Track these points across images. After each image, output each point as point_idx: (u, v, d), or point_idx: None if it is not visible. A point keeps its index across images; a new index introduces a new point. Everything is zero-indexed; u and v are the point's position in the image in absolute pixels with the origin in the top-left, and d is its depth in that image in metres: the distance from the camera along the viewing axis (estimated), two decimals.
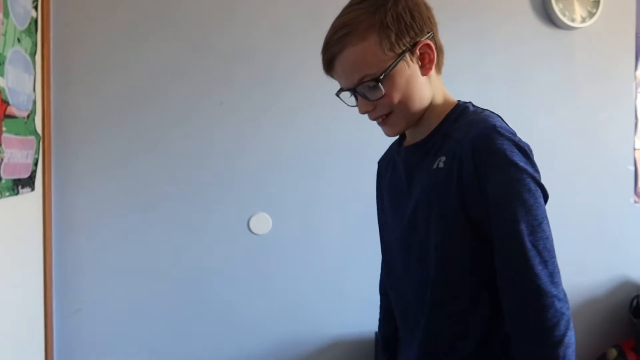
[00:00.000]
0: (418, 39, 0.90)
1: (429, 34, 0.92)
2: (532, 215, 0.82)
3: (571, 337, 0.81)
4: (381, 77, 0.87)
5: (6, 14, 1.37)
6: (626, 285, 2.20)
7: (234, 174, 1.87)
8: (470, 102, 0.97)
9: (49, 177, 1.69)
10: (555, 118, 2.13)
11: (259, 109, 1.88)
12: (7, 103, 1.37)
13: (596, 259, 2.17)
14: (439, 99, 0.95)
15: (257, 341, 1.89)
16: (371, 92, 0.89)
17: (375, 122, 0.96)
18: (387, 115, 0.92)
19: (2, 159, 1.33)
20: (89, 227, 1.77)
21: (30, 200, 1.58)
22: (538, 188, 0.84)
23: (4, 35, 1.35)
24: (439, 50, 0.95)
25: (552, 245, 0.86)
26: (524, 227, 0.81)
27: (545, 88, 2.12)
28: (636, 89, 2.22)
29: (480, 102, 2.20)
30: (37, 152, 1.61)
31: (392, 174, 1.05)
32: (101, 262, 1.78)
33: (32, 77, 1.58)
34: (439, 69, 0.96)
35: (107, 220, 1.78)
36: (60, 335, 1.74)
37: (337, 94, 0.96)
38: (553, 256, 0.86)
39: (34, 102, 1.58)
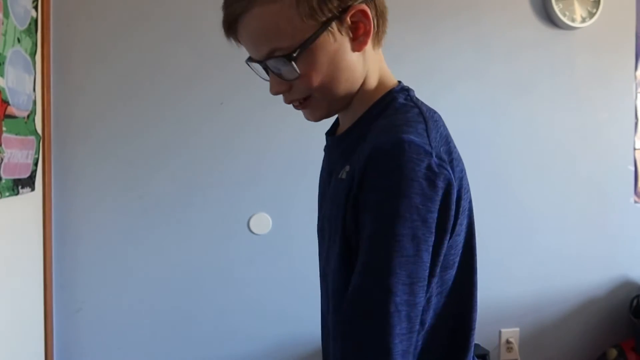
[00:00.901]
0: (350, 3, 0.68)
1: None
2: (407, 272, 0.62)
3: None
4: (295, 54, 0.67)
5: (6, 14, 1.37)
6: (626, 285, 2.20)
7: (234, 174, 1.87)
8: (406, 90, 0.77)
9: (49, 177, 1.69)
10: (555, 118, 2.13)
11: (259, 109, 1.88)
12: (7, 103, 1.37)
13: (596, 259, 2.17)
14: (372, 81, 0.75)
15: (257, 341, 1.89)
16: (285, 69, 0.70)
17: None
18: (305, 98, 0.75)
19: (2, 159, 1.33)
20: (89, 227, 1.77)
21: (30, 200, 1.58)
22: (428, 235, 0.64)
23: (4, 35, 1.35)
24: (380, 17, 0.73)
25: (417, 314, 0.64)
26: (389, 286, 0.61)
27: (545, 88, 2.12)
28: (636, 89, 2.21)
29: (481, 101, 2.22)
30: (37, 152, 1.61)
31: (323, 163, 0.92)
32: (101, 262, 1.78)
33: (32, 77, 1.58)
34: (378, 41, 0.75)
35: (107, 220, 1.78)
36: (60, 335, 1.74)
37: (247, 62, 0.76)
38: (414, 330, 0.64)
39: (34, 102, 1.58)
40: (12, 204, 1.42)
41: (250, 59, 0.75)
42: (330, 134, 0.90)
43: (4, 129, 1.35)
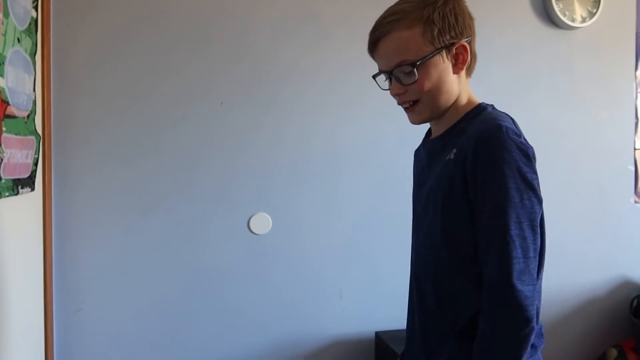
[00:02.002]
0: (457, 40, 0.98)
1: (468, 39, 1.00)
2: (516, 213, 0.87)
3: (528, 335, 0.86)
4: (417, 64, 0.96)
5: (6, 14, 1.37)
6: (626, 285, 2.20)
7: (234, 174, 1.87)
8: (491, 105, 1.05)
9: (49, 177, 1.69)
10: (556, 118, 2.13)
11: (259, 109, 1.88)
12: (7, 103, 1.37)
13: (596, 259, 2.17)
14: (463, 99, 1.03)
15: (257, 341, 1.89)
16: (406, 76, 0.98)
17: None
18: (415, 102, 1.01)
19: (2, 159, 1.33)
20: (89, 227, 1.77)
21: (30, 200, 1.58)
22: (529, 190, 0.89)
23: (4, 35, 1.35)
24: (473, 56, 1.03)
25: (529, 246, 0.88)
26: (506, 222, 0.87)
27: (546, 88, 2.12)
28: (636, 88, 2.22)
29: (481, 101, 2.20)
30: (37, 152, 1.61)
31: (419, 163, 1.15)
32: (101, 262, 1.78)
33: (32, 77, 1.58)
34: (469, 73, 1.04)
35: (107, 220, 1.78)
36: (60, 335, 1.74)
37: (374, 77, 1.05)
38: (528, 256, 0.88)
39: (34, 102, 1.58)
40: (12, 204, 1.42)
41: (377, 74, 1.03)
42: (426, 139, 1.16)
43: (3, 129, 1.35)
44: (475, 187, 0.91)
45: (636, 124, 2.22)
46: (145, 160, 1.80)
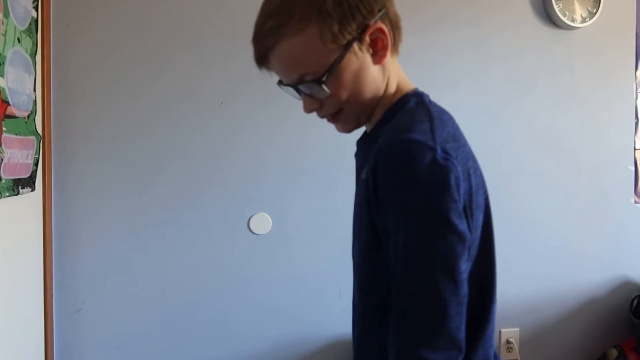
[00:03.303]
0: (367, 23, 0.74)
1: (381, 12, 0.76)
2: (423, 261, 0.67)
3: None
4: (323, 78, 0.75)
5: (6, 14, 1.37)
6: (626, 285, 2.20)
7: (234, 174, 1.87)
8: (420, 95, 0.83)
9: (49, 177, 1.69)
10: (556, 118, 2.13)
11: (259, 109, 1.88)
12: (7, 103, 1.37)
13: (596, 259, 2.17)
14: (391, 87, 0.83)
15: (257, 341, 1.89)
16: (315, 91, 0.78)
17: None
18: (336, 112, 0.82)
19: (2, 159, 1.33)
20: (89, 227, 1.77)
21: (30, 200, 1.58)
22: (443, 226, 0.67)
23: (4, 35, 1.36)
24: (394, 27, 0.79)
25: (445, 301, 0.67)
26: (408, 272, 0.68)
27: (545, 88, 2.12)
28: (636, 88, 2.21)
29: (481, 101, 2.22)
30: (38, 152, 1.61)
31: (357, 167, 0.99)
32: (101, 262, 1.78)
33: (33, 77, 1.58)
34: (395, 50, 0.82)
35: (107, 220, 1.78)
36: (60, 335, 1.74)
37: (279, 85, 0.84)
38: (445, 314, 0.67)
39: (35, 102, 1.58)
40: (12, 204, 1.42)
41: (281, 82, 0.83)
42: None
43: (4, 129, 1.35)
44: (379, 221, 0.71)
45: (636, 124, 2.22)
46: (145, 160, 1.80)
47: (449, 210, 0.67)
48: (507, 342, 2.08)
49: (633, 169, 2.21)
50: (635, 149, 2.21)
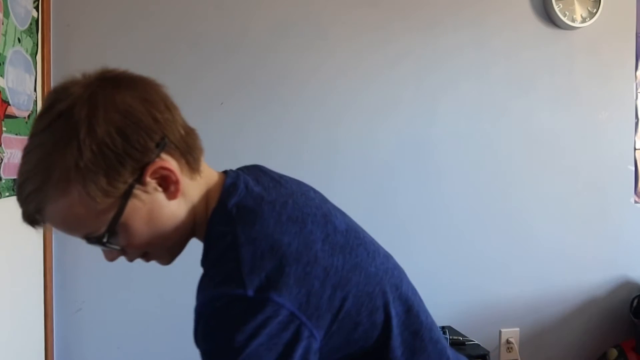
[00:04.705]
0: (144, 163, 0.63)
1: (160, 147, 0.64)
2: None
3: None
4: (105, 238, 0.65)
5: (6, 14, 1.37)
6: (626, 285, 2.20)
7: None
8: (223, 209, 0.69)
9: None
10: (556, 118, 2.13)
11: (259, 109, 1.88)
12: (7, 103, 1.37)
13: (596, 259, 2.17)
14: (200, 211, 0.72)
15: None
16: (111, 246, 0.69)
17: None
18: (145, 254, 0.74)
19: (1, 159, 1.33)
20: None
21: None
22: None
23: (4, 35, 1.36)
24: (186, 150, 0.68)
25: None
26: None
27: (546, 88, 2.12)
28: (636, 88, 2.21)
29: (481, 101, 2.22)
30: None
31: None
32: (101, 262, 1.76)
33: (33, 77, 1.58)
34: (195, 170, 0.70)
35: None
36: (60, 335, 1.74)
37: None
38: None
39: (35, 102, 1.58)
40: (12, 204, 1.42)
41: None
42: None
43: (4, 129, 1.35)
44: None
45: (636, 124, 2.22)
46: None
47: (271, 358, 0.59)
48: (507, 342, 2.08)
49: (633, 169, 2.21)
50: (635, 149, 2.21)
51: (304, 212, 0.70)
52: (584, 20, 2.10)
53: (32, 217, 0.68)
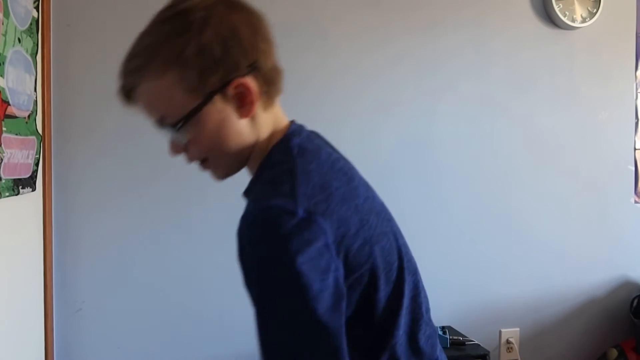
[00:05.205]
0: (231, 77, 0.71)
1: (250, 68, 0.73)
2: (268, 344, 0.67)
3: None
4: (179, 125, 0.72)
5: (6, 14, 1.37)
6: (626, 285, 2.20)
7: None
8: (286, 145, 0.76)
9: (49, 177, 1.69)
10: (556, 118, 2.13)
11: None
12: (7, 103, 1.37)
13: (596, 259, 2.17)
14: (264, 141, 0.78)
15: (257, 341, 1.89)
16: (174, 135, 0.75)
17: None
18: (204, 160, 0.80)
19: (1, 159, 1.33)
20: (89, 227, 1.77)
21: (30, 200, 1.58)
22: (299, 290, 0.64)
23: (5, 35, 1.36)
24: (269, 82, 0.76)
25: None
26: (262, 355, 0.67)
27: (546, 88, 2.12)
28: (636, 88, 2.22)
29: (481, 101, 2.22)
30: (38, 152, 1.61)
31: None
32: (101, 262, 1.78)
33: (33, 77, 1.58)
34: (270, 103, 0.78)
35: (107, 220, 1.78)
36: (60, 335, 1.74)
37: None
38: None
39: (35, 102, 1.58)
40: (12, 204, 1.42)
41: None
42: None
43: (4, 129, 1.35)
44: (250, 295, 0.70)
45: (636, 124, 2.22)
46: (146, 160, 1.80)
47: (312, 279, 0.63)
48: (507, 342, 2.08)
49: (633, 169, 2.21)
50: (635, 149, 2.21)
51: (353, 172, 0.79)
52: (584, 20, 2.10)
53: (126, 91, 0.75)
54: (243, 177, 1.96)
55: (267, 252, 0.65)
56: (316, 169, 0.72)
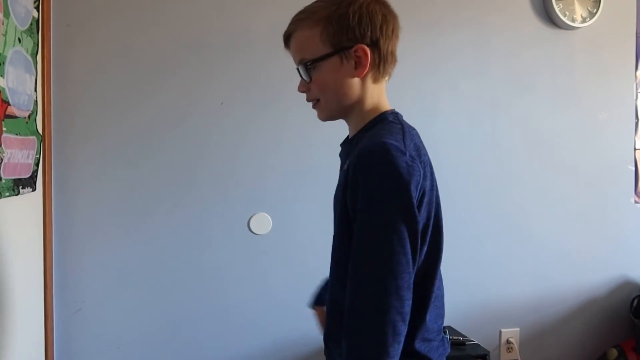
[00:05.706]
0: (355, 43, 0.94)
1: (372, 43, 0.95)
2: (371, 252, 0.85)
3: (394, 351, 0.83)
4: (308, 64, 0.96)
5: (6, 14, 1.37)
6: (626, 285, 2.20)
7: (234, 174, 1.87)
8: (396, 114, 1.01)
9: (49, 177, 1.69)
10: (556, 118, 2.13)
11: (260, 109, 1.88)
12: (7, 103, 1.37)
13: (596, 259, 2.17)
14: (369, 104, 1.00)
15: (257, 341, 1.89)
16: (305, 74, 0.99)
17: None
18: (318, 101, 1.01)
19: (1, 159, 1.33)
20: (89, 227, 1.77)
21: (30, 201, 1.58)
22: (397, 215, 0.85)
23: (5, 35, 1.36)
24: (383, 60, 0.98)
25: (385, 282, 0.84)
26: (360, 260, 0.86)
27: (546, 88, 2.12)
28: (636, 88, 2.22)
29: (481, 101, 2.22)
30: (39, 152, 1.61)
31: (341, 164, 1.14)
32: (101, 262, 1.78)
33: (34, 77, 1.58)
34: (380, 78, 1.00)
35: (107, 220, 1.78)
36: (60, 335, 1.74)
37: (297, 68, 1.03)
38: (385, 291, 0.83)
39: (35, 102, 1.58)
40: (12, 204, 1.42)
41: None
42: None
43: (4, 129, 1.35)
44: (352, 206, 0.88)
45: (636, 124, 2.22)
46: (146, 160, 1.81)
47: (409, 198, 0.85)
48: (507, 342, 2.09)
49: (633, 169, 2.21)
50: (635, 149, 2.22)
51: (427, 158, 1.00)
52: (584, 20, 2.10)
53: (286, 36, 1.01)
54: (241, 182, 1.96)
55: (384, 171, 0.85)
56: (415, 137, 0.98)
